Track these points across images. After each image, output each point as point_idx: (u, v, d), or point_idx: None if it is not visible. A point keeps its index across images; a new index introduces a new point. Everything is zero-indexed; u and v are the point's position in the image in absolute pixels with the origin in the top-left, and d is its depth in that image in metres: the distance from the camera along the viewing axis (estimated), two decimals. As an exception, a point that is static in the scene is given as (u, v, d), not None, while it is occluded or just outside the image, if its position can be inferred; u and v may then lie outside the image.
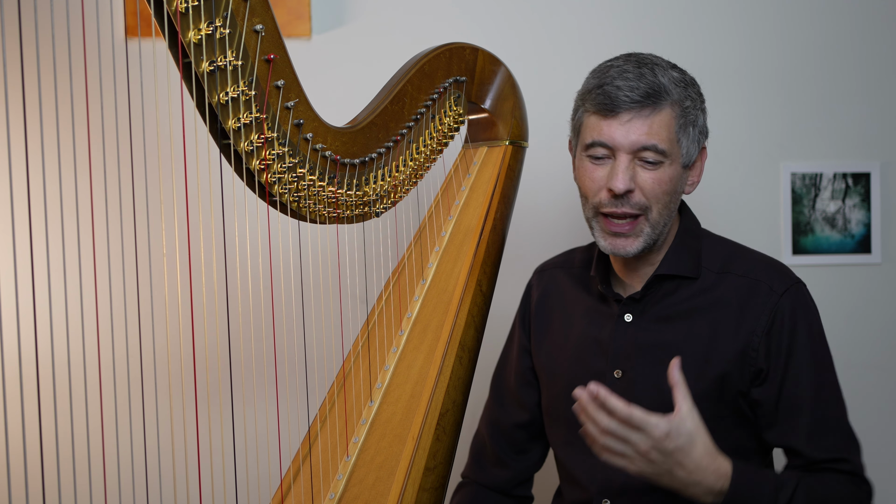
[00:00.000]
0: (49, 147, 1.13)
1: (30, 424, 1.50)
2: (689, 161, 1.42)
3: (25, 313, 1.00)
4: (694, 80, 1.44)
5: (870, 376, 2.19)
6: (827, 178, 2.18)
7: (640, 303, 1.47)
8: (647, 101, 1.35)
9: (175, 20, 1.08)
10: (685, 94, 1.39)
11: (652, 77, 1.36)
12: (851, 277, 2.20)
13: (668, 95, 1.37)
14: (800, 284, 1.44)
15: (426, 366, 1.41)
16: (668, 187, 1.39)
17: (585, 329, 1.52)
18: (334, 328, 1.66)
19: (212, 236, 1.19)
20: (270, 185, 1.26)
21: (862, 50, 2.19)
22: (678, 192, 1.42)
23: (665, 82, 1.36)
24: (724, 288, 1.45)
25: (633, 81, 1.35)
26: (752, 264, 1.46)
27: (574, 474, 1.51)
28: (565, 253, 1.68)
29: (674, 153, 1.38)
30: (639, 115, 1.35)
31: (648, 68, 1.37)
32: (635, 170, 1.38)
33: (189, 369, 1.88)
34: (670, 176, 1.39)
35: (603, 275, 1.51)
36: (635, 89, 1.35)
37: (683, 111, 1.39)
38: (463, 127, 1.63)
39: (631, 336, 1.47)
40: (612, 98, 1.36)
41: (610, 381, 1.46)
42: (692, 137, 1.41)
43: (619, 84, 1.36)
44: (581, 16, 2.15)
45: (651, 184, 1.37)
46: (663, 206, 1.40)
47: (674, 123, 1.37)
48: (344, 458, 1.36)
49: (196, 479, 1.19)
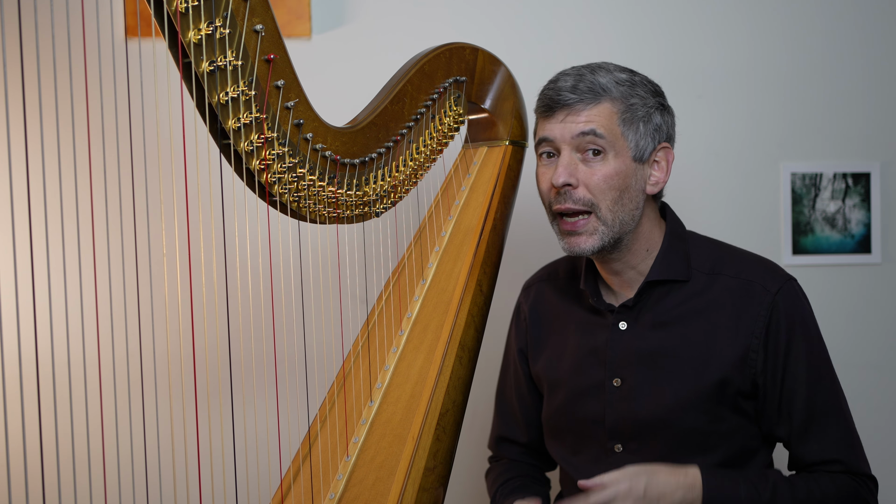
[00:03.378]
0: (49, 147, 1.13)
1: (30, 424, 1.50)
2: (643, 156, 1.42)
3: (25, 313, 1.00)
4: (648, 83, 1.45)
5: (870, 376, 2.19)
6: (827, 178, 2.18)
7: (633, 310, 1.47)
8: (583, 96, 1.40)
9: (175, 20, 1.08)
10: (630, 93, 1.41)
11: (591, 77, 1.41)
12: (851, 277, 2.20)
13: (605, 92, 1.40)
14: (792, 282, 1.45)
15: (426, 366, 1.41)
16: (614, 182, 1.39)
17: (581, 340, 1.52)
18: (334, 328, 1.66)
19: (212, 236, 1.19)
20: (270, 185, 1.26)
21: (862, 50, 2.19)
22: (633, 188, 1.42)
23: (604, 82, 1.40)
24: (718, 290, 1.45)
25: (569, 82, 1.41)
26: (743, 264, 1.47)
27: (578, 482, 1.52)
28: (548, 266, 1.69)
29: (617, 145, 1.39)
30: (573, 109, 1.40)
31: (589, 70, 1.43)
32: (577, 165, 1.40)
33: (189, 369, 1.88)
34: (616, 170, 1.39)
35: (592, 286, 1.52)
36: (571, 89, 1.40)
37: (628, 107, 1.40)
38: (463, 127, 1.63)
39: (627, 344, 1.47)
40: (550, 98, 1.42)
41: (610, 389, 1.46)
42: (643, 133, 1.41)
43: (558, 86, 1.42)
44: (581, 16, 2.15)
45: (595, 178, 1.39)
46: (612, 201, 1.40)
47: (615, 117, 1.40)
48: (344, 458, 1.36)
49: (196, 479, 1.19)
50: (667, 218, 1.51)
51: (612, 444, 1.47)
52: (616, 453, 1.47)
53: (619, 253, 1.45)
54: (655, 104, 1.43)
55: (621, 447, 1.46)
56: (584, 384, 1.49)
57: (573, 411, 1.51)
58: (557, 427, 1.56)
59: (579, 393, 1.50)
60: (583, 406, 1.50)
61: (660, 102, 1.45)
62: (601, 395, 1.47)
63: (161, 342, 1.34)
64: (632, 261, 1.47)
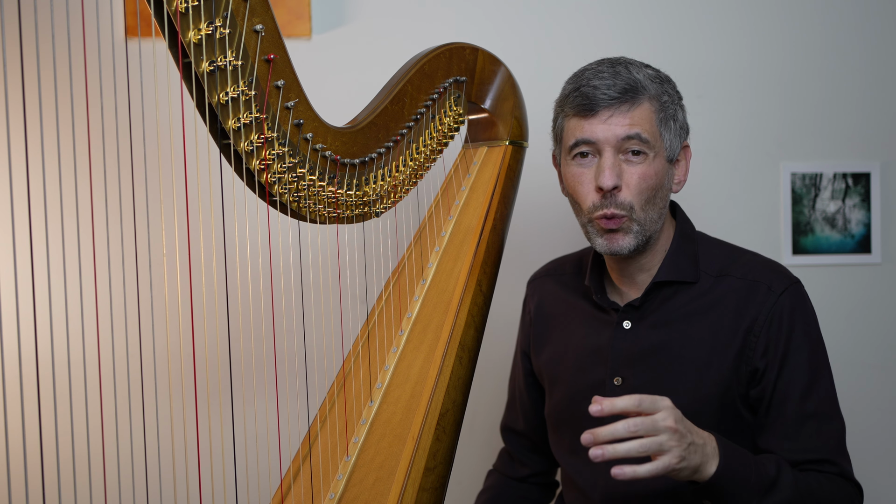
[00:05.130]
0: (49, 147, 1.13)
1: (30, 424, 1.50)
2: (673, 156, 1.42)
3: (25, 313, 1.00)
4: (669, 77, 1.45)
5: (870, 376, 2.19)
6: (827, 178, 2.18)
7: (638, 310, 1.47)
8: (625, 96, 1.36)
9: (175, 20, 1.08)
10: (662, 90, 1.40)
11: (627, 74, 1.38)
12: (851, 277, 2.20)
13: (645, 90, 1.38)
14: (798, 284, 1.44)
15: (426, 366, 1.41)
16: (653, 182, 1.38)
17: (585, 337, 1.52)
18: (334, 328, 1.66)
19: (212, 236, 1.19)
20: (270, 185, 1.26)
21: (862, 50, 2.19)
22: (665, 188, 1.42)
23: (640, 78, 1.38)
24: (722, 290, 1.44)
25: (608, 80, 1.37)
26: (750, 266, 1.46)
27: (577, 481, 1.52)
28: (554, 261, 1.68)
29: (657, 146, 1.38)
30: (618, 110, 1.36)
31: (623, 66, 1.39)
32: (621, 166, 1.38)
33: (189, 369, 1.88)
34: (655, 170, 1.38)
35: (597, 283, 1.51)
36: (612, 87, 1.36)
37: (662, 105, 1.39)
38: (463, 127, 1.63)
39: (630, 343, 1.46)
40: (590, 98, 1.37)
41: (610, 388, 1.46)
42: (674, 132, 1.41)
43: (596, 84, 1.37)
44: (581, 16, 2.15)
45: (637, 179, 1.37)
46: (646, 201, 1.38)
47: (654, 117, 1.38)
48: (344, 458, 1.36)
49: (196, 479, 1.19)
50: (677, 217, 1.51)
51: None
52: None
53: (641, 255, 1.45)
54: (678, 100, 1.44)
55: None
56: (585, 382, 1.49)
57: (573, 409, 1.51)
58: (558, 424, 1.56)
59: (580, 391, 1.50)
60: (583, 404, 1.49)
61: (680, 98, 1.45)
62: (602, 393, 1.47)
63: (161, 342, 1.34)
64: (648, 262, 1.47)
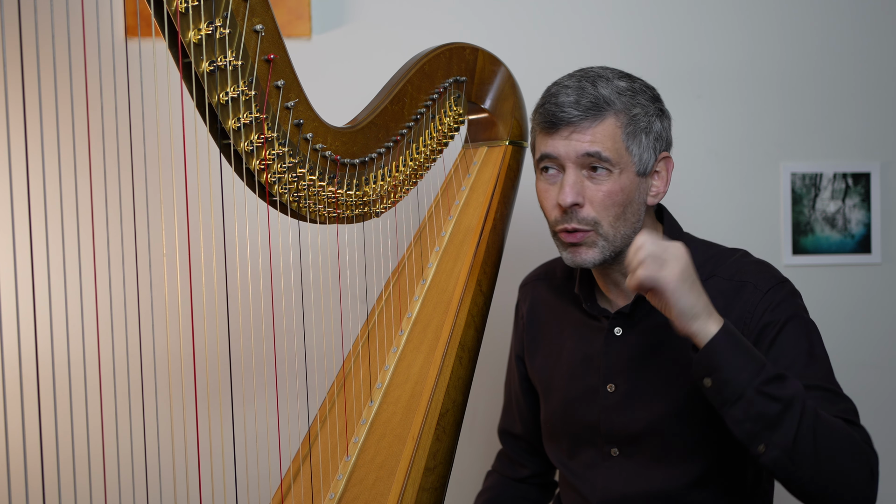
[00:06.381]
0: (49, 147, 1.13)
1: (30, 424, 1.50)
2: (645, 169, 1.40)
3: (25, 313, 1.00)
4: (647, 88, 1.43)
5: (870, 376, 2.19)
6: (827, 178, 2.18)
7: (629, 316, 1.46)
8: (587, 113, 1.36)
9: (175, 20, 1.08)
10: (632, 102, 1.38)
11: (592, 90, 1.37)
12: (851, 277, 2.20)
13: (609, 106, 1.37)
14: (786, 283, 1.42)
15: (426, 366, 1.41)
16: (620, 198, 1.37)
17: (576, 344, 1.52)
18: (334, 328, 1.66)
19: (212, 236, 1.19)
20: (270, 185, 1.26)
21: (862, 50, 2.19)
22: (636, 202, 1.40)
23: (606, 94, 1.37)
24: (710, 292, 1.43)
25: (571, 97, 1.37)
26: (738, 267, 1.44)
27: (575, 484, 1.52)
28: (545, 265, 1.68)
29: (623, 161, 1.37)
30: (578, 127, 1.37)
31: (590, 81, 1.39)
32: (584, 183, 1.38)
33: (189, 369, 1.88)
34: (622, 186, 1.37)
35: (587, 291, 1.51)
36: (573, 104, 1.37)
37: (631, 119, 1.38)
38: (463, 127, 1.63)
39: (622, 349, 1.46)
40: (552, 114, 1.38)
41: (603, 395, 1.46)
42: (645, 145, 1.39)
43: (560, 101, 1.38)
44: (581, 16, 2.15)
45: (602, 196, 1.37)
46: (614, 217, 1.38)
47: (619, 132, 1.37)
48: (344, 458, 1.36)
49: (196, 479, 1.19)
50: (664, 221, 1.51)
51: (608, 449, 1.47)
52: (612, 457, 1.47)
53: (620, 265, 1.44)
54: (655, 111, 1.42)
55: (618, 451, 1.46)
56: (579, 389, 1.49)
57: (568, 416, 1.51)
58: (554, 430, 1.56)
59: (574, 398, 1.50)
60: (577, 411, 1.50)
61: (658, 108, 1.43)
62: (595, 400, 1.47)
63: (161, 342, 1.34)
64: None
